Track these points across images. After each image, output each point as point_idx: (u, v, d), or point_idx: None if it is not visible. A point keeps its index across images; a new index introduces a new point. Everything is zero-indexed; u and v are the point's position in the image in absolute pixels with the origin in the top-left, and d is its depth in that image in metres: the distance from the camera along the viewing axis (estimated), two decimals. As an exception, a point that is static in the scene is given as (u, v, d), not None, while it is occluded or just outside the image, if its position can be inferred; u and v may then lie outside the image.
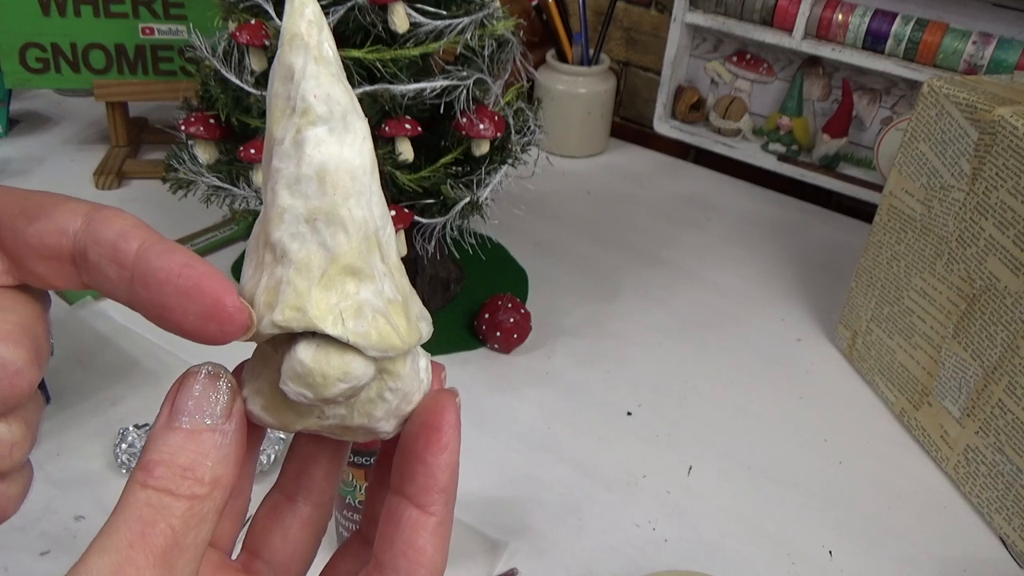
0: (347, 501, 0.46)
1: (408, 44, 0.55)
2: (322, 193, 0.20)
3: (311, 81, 0.20)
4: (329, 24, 0.53)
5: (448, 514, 0.23)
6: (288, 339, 0.20)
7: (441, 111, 0.57)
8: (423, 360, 0.23)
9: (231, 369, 0.22)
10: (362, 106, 0.21)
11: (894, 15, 0.83)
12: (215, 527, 0.20)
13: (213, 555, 0.24)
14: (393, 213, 0.58)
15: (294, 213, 0.20)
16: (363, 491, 0.45)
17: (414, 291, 0.22)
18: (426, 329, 0.22)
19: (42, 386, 0.58)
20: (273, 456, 0.54)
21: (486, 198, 0.61)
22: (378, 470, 0.25)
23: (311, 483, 0.25)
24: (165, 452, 0.20)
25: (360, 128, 0.20)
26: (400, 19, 0.53)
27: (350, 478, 0.45)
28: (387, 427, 0.22)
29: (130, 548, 0.19)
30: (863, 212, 0.92)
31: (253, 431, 0.22)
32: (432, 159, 0.59)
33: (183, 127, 0.59)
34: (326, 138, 0.20)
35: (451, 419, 0.23)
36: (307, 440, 0.25)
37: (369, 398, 0.21)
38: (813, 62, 0.93)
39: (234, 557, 0.25)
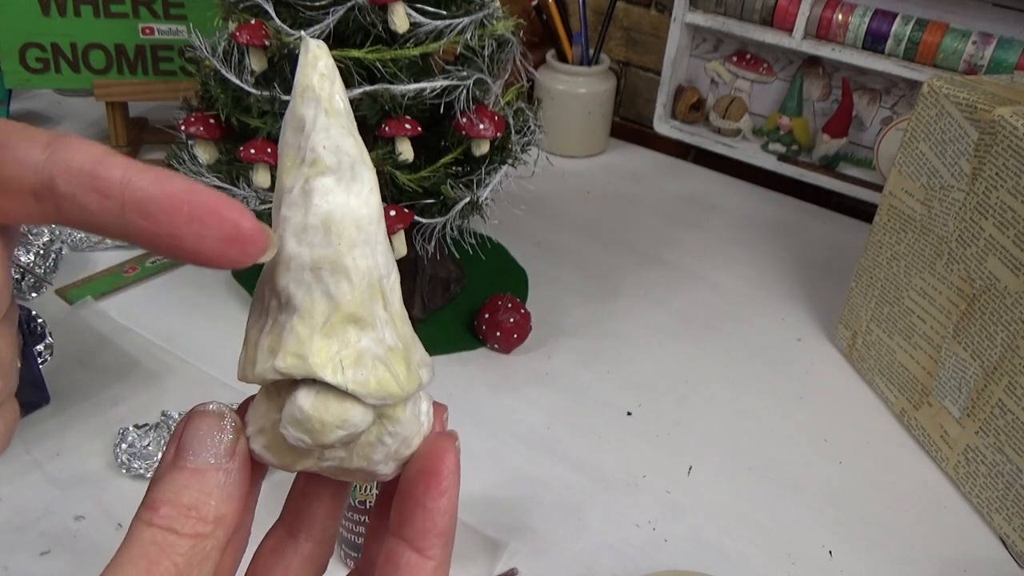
0: (348, 501, 0.46)
1: (408, 44, 0.55)
2: (327, 243, 0.20)
3: (321, 133, 0.20)
4: (329, 24, 0.54)
5: (446, 557, 0.23)
6: (290, 384, 0.20)
7: (441, 111, 0.57)
8: (424, 403, 0.23)
9: (237, 405, 0.22)
10: (362, 106, 0.22)
11: (894, 15, 0.83)
12: (217, 563, 0.20)
13: None
14: (393, 213, 0.58)
15: (300, 261, 0.20)
16: (364, 490, 0.45)
17: (417, 338, 0.23)
18: (427, 375, 0.22)
19: (42, 386, 0.58)
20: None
21: (486, 198, 0.61)
22: (377, 511, 0.25)
23: (313, 520, 0.25)
24: (169, 491, 0.20)
25: (368, 179, 0.21)
26: (400, 19, 0.53)
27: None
28: (386, 470, 0.22)
29: None
30: (863, 212, 0.92)
31: (256, 467, 0.22)
32: (432, 159, 0.59)
33: (183, 127, 0.59)
34: (333, 188, 0.20)
35: (450, 464, 0.24)
36: (309, 478, 0.25)
37: (368, 442, 0.22)
38: (813, 62, 0.93)
39: None
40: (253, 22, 0.54)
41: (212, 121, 0.59)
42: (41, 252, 0.68)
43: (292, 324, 0.20)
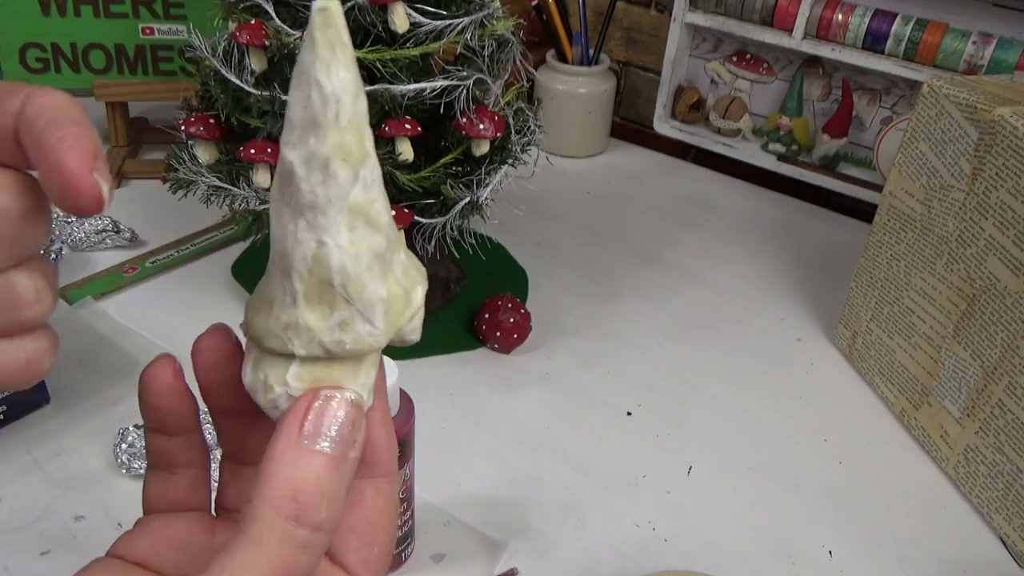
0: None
1: (408, 44, 0.55)
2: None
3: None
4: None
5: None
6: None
7: (441, 111, 0.57)
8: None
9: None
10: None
11: (894, 15, 0.83)
12: None
13: (202, 517, 0.26)
14: (393, 213, 0.58)
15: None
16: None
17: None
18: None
19: (42, 386, 0.58)
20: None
21: (486, 198, 0.61)
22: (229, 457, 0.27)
23: (257, 449, 0.26)
24: (310, 479, 0.20)
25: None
26: (400, 19, 0.53)
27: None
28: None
29: None
30: (863, 212, 0.92)
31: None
32: (432, 159, 0.59)
33: (183, 127, 0.59)
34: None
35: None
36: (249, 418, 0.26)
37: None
38: (813, 62, 0.93)
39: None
40: (253, 22, 0.54)
41: (212, 121, 0.59)
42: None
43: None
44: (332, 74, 0.19)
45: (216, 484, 0.27)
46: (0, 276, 0.20)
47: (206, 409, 0.26)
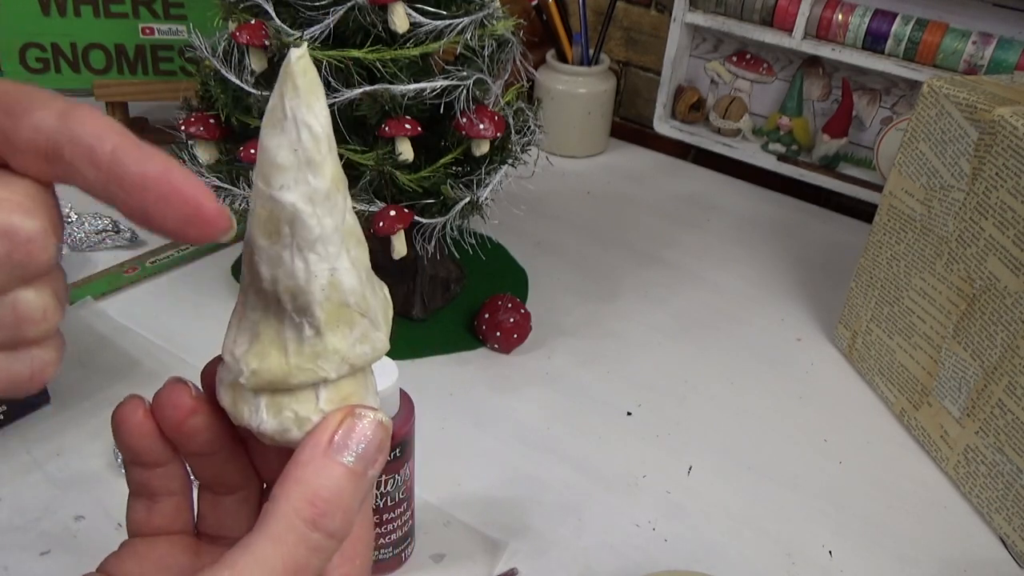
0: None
1: (408, 44, 0.55)
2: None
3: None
4: (329, 24, 0.53)
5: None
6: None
7: (441, 111, 0.57)
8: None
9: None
10: (362, 106, 0.22)
11: (894, 15, 0.83)
12: None
13: (186, 540, 0.26)
14: (393, 213, 0.58)
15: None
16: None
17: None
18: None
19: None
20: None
21: (486, 198, 0.61)
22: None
23: (234, 475, 0.27)
24: (331, 488, 0.21)
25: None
26: (400, 19, 0.53)
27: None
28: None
29: None
30: (863, 212, 0.92)
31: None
32: (432, 159, 0.59)
33: (183, 127, 0.59)
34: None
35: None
36: (236, 445, 0.27)
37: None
38: (813, 62, 0.93)
39: None
40: (253, 22, 0.54)
41: (212, 121, 0.59)
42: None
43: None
44: (318, 115, 0.21)
45: (197, 512, 0.28)
46: (8, 294, 0.19)
47: None
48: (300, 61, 0.21)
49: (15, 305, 0.20)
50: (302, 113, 0.21)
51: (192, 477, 0.27)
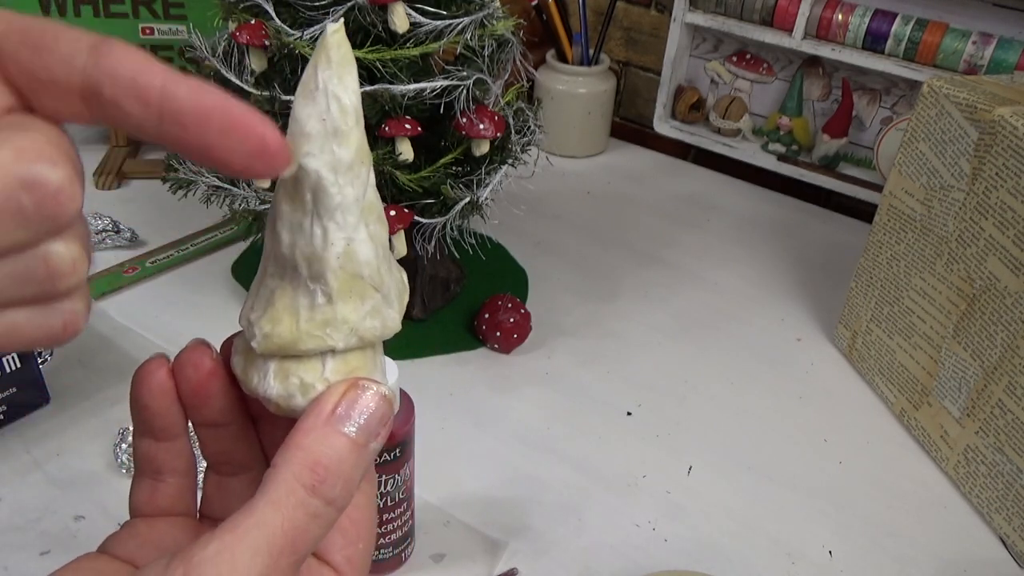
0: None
1: (408, 44, 0.55)
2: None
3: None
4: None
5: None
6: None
7: (441, 111, 0.57)
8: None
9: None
10: (362, 106, 0.23)
11: (894, 15, 0.83)
12: None
13: (188, 522, 0.26)
14: (393, 213, 0.58)
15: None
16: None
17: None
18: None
19: (42, 386, 0.58)
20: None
21: (486, 198, 0.61)
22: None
23: (242, 458, 0.27)
24: (332, 457, 0.21)
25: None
26: (400, 19, 0.53)
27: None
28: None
29: (280, 556, 0.20)
30: (863, 212, 0.92)
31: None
32: (432, 159, 0.59)
33: (183, 127, 0.59)
34: None
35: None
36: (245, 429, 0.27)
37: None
38: (813, 62, 0.93)
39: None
40: (253, 22, 0.54)
41: (212, 121, 0.58)
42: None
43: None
44: (348, 87, 0.22)
45: (201, 494, 0.28)
46: (38, 248, 0.19)
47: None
48: (335, 35, 0.21)
49: (47, 259, 0.19)
50: (333, 85, 0.21)
51: (200, 458, 0.27)
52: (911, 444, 0.63)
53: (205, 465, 0.27)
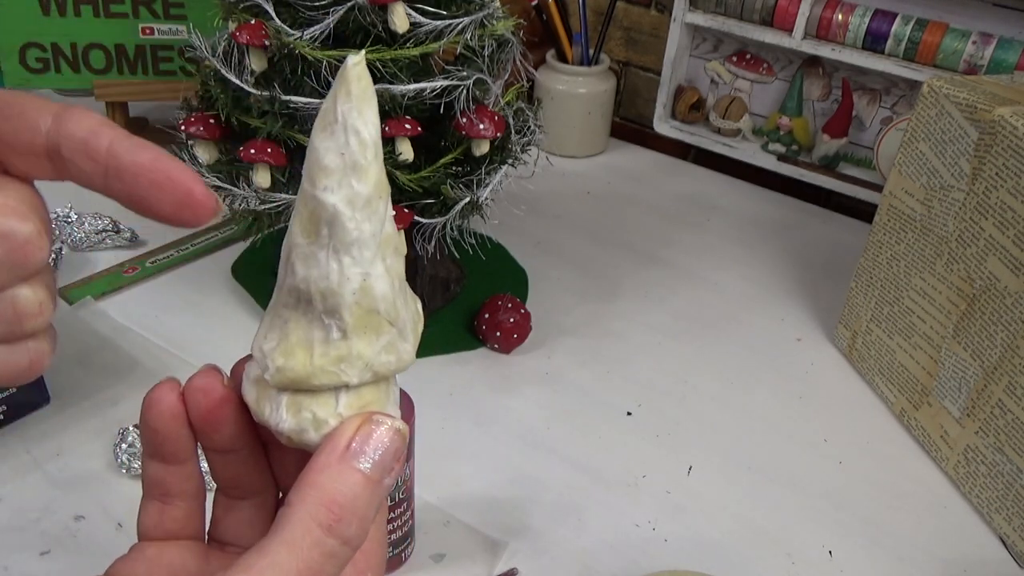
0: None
1: (408, 44, 0.55)
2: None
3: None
4: (329, 24, 0.53)
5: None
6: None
7: (441, 111, 0.57)
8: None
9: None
10: None
11: (894, 15, 0.83)
12: None
13: (196, 546, 0.26)
14: (393, 213, 0.58)
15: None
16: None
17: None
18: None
19: (42, 386, 0.58)
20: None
21: (486, 198, 0.61)
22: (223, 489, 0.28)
23: (252, 482, 0.27)
24: (347, 494, 0.21)
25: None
26: (400, 19, 0.53)
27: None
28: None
29: None
30: (863, 212, 0.92)
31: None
32: (432, 159, 0.59)
33: (183, 127, 0.59)
34: None
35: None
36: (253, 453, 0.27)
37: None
38: (813, 62, 0.93)
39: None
40: (253, 22, 0.54)
41: (212, 121, 0.59)
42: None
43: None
44: (368, 121, 0.22)
45: (210, 516, 0.27)
46: (7, 292, 0.21)
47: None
48: (356, 67, 0.21)
49: (14, 301, 0.21)
50: (352, 118, 0.21)
51: (209, 481, 0.27)
52: (911, 444, 0.63)
53: (215, 487, 0.27)
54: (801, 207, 0.95)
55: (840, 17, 0.86)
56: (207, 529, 0.27)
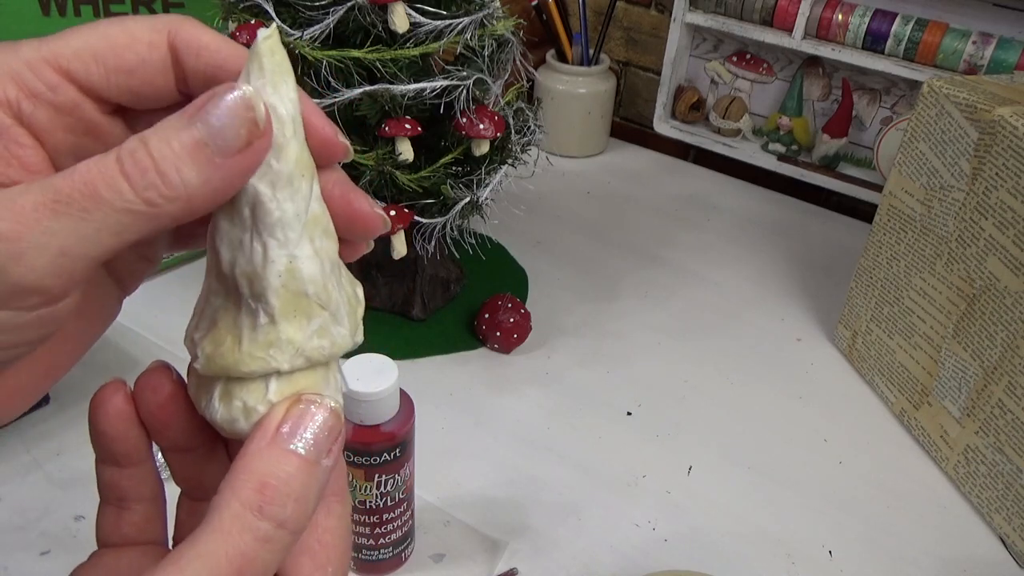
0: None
1: (408, 44, 0.55)
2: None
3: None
4: (329, 24, 0.53)
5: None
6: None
7: (441, 111, 0.57)
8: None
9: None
10: (362, 106, 0.22)
11: (894, 15, 0.83)
12: None
13: (157, 551, 0.25)
14: (393, 213, 0.58)
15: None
16: (363, 491, 0.45)
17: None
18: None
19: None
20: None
21: (486, 198, 0.61)
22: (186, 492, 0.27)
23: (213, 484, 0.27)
24: (280, 476, 0.20)
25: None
26: (400, 19, 0.53)
27: (351, 479, 0.45)
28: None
29: None
30: (863, 212, 0.92)
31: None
32: (432, 159, 0.59)
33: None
34: None
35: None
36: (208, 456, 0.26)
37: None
38: (813, 62, 0.93)
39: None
40: (253, 22, 0.54)
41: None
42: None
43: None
44: (284, 97, 0.21)
45: (173, 520, 0.27)
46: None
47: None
48: (267, 41, 0.20)
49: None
50: (266, 94, 0.20)
51: (172, 483, 0.26)
52: (911, 444, 0.63)
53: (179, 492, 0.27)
54: (801, 207, 0.95)
55: (840, 17, 0.86)
56: (172, 534, 0.26)
